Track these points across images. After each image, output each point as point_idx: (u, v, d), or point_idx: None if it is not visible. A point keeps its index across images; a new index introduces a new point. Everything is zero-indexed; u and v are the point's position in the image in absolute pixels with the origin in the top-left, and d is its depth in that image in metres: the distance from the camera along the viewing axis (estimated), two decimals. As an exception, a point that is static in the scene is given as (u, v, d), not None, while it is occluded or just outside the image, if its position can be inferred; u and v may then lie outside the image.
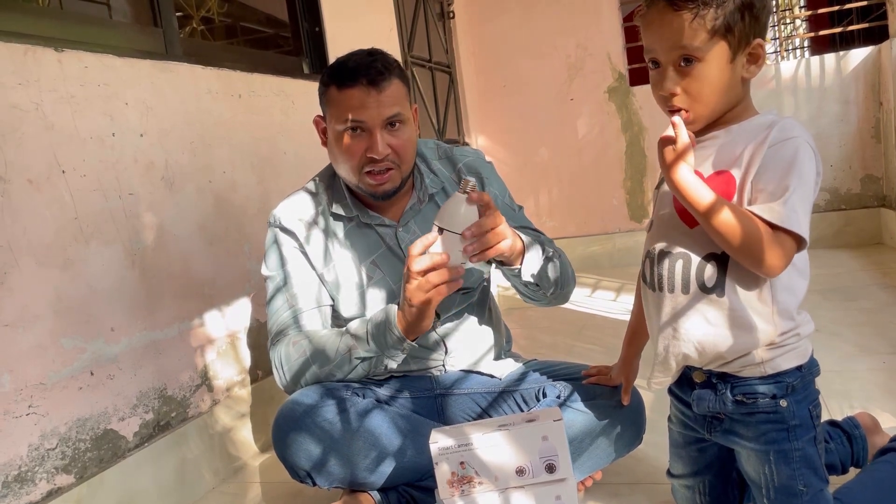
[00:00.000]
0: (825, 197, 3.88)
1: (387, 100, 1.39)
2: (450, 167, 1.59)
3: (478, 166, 1.59)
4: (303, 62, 2.60)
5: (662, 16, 0.98)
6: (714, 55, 0.97)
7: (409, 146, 1.45)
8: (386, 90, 1.39)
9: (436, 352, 1.55)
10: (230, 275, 1.95)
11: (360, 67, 1.38)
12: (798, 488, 1.02)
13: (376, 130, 1.39)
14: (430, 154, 1.59)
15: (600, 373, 1.46)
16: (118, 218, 1.59)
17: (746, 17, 0.97)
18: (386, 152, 1.40)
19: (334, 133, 1.43)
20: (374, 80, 1.38)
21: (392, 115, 1.40)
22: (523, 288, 1.45)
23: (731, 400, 1.04)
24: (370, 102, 1.38)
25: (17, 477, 1.32)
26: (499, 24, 4.32)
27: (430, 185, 1.55)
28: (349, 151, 1.41)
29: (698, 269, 1.01)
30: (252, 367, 2.01)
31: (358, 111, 1.38)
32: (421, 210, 1.54)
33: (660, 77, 1.02)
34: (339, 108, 1.41)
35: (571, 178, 4.32)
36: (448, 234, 1.22)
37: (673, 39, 0.98)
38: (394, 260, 1.51)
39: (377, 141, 1.39)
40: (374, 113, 1.38)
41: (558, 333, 2.81)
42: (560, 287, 1.48)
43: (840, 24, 4.55)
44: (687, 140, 0.97)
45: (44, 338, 1.39)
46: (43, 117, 1.43)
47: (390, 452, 1.40)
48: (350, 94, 1.39)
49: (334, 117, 1.42)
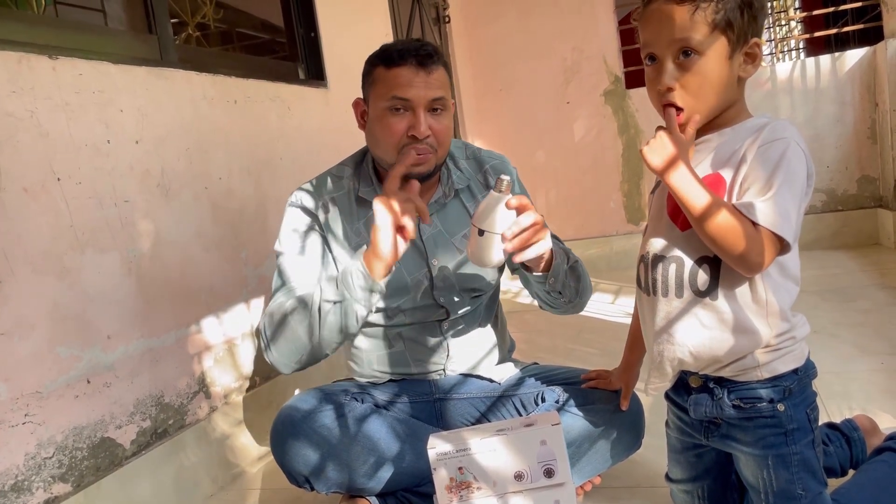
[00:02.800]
0: (822, 198, 3.88)
1: (434, 82, 1.40)
2: (476, 167, 1.59)
3: (504, 170, 1.59)
4: (298, 68, 2.60)
5: (663, 9, 0.99)
6: (713, 50, 0.98)
7: (448, 133, 1.45)
8: (433, 73, 1.40)
9: (438, 354, 1.55)
10: (227, 281, 1.95)
11: (410, 49, 1.39)
12: (797, 492, 1.02)
13: (420, 110, 1.39)
14: (457, 152, 1.59)
15: (600, 377, 1.46)
16: (114, 225, 1.58)
17: (745, 14, 0.98)
18: (427, 133, 1.40)
19: (377, 111, 1.43)
20: (423, 62, 1.39)
21: (437, 97, 1.40)
22: (545, 295, 1.44)
23: (729, 405, 1.04)
24: (417, 82, 1.38)
25: (13, 486, 1.31)
26: (494, 27, 4.33)
27: (456, 180, 1.54)
28: (391, 129, 1.40)
29: (691, 273, 1.01)
30: (250, 373, 2.01)
31: (405, 89, 1.38)
32: (445, 204, 1.53)
33: (656, 72, 1.01)
34: (385, 86, 1.40)
35: (568, 181, 4.32)
36: (488, 235, 1.21)
37: (673, 32, 0.98)
38: (412, 250, 1.49)
39: (420, 120, 1.39)
40: (421, 93, 1.38)
41: (556, 337, 2.81)
42: (579, 295, 1.47)
43: (835, 25, 4.56)
44: (682, 137, 0.97)
45: (40, 346, 1.38)
46: (38, 125, 1.42)
47: (389, 458, 1.40)
48: (398, 72, 1.39)
49: (379, 95, 1.41)
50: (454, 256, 1.50)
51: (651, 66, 1.03)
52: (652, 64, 1.02)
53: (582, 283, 1.46)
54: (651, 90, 1.04)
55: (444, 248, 1.50)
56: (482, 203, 1.21)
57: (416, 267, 1.48)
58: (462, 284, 1.51)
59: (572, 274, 1.41)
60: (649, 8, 1.01)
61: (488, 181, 1.56)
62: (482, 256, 1.22)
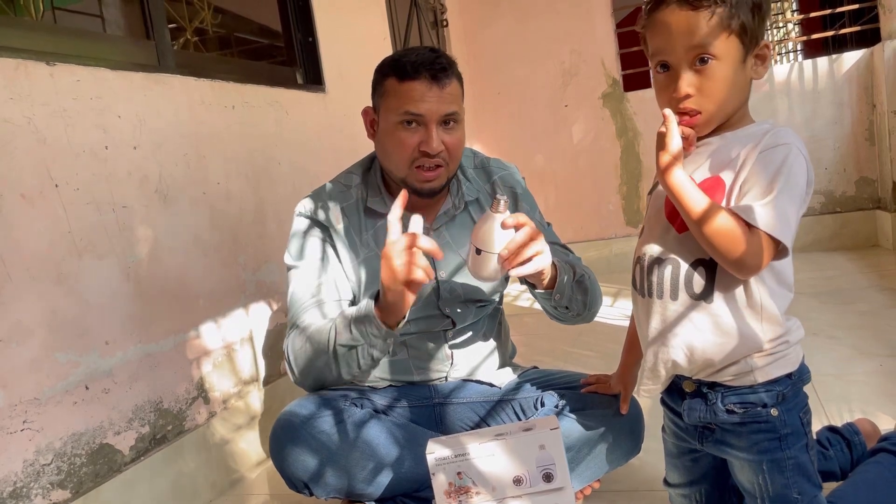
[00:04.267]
0: (820, 200, 3.89)
1: (447, 97, 1.39)
2: (484, 178, 1.58)
3: (511, 182, 1.59)
4: (296, 72, 2.60)
5: (676, 16, 0.97)
6: (729, 54, 0.97)
7: (460, 147, 1.45)
8: (447, 87, 1.39)
9: (442, 362, 1.55)
10: (226, 286, 1.95)
11: (424, 62, 1.38)
12: (793, 496, 1.02)
13: (432, 125, 1.38)
14: (466, 161, 1.58)
15: (599, 381, 1.46)
16: (112, 231, 1.58)
17: (756, 17, 0.98)
18: (440, 149, 1.39)
19: (388, 125, 1.42)
20: (437, 76, 1.38)
21: (450, 112, 1.40)
22: (552, 310, 1.44)
23: (722, 409, 1.04)
24: (430, 97, 1.38)
25: (12, 493, 1.31)
26: (492, 31, 4.33)
27: (467, 192, 1.54)
28: (403, 144, 1.40)
29: (686, 276, 1.01)
30: (249, 378, 2.01)
31: (417, 104, 1.37)
32: (455, 217, 1.53)
33: (670, 80, 1.00)
34: (397, 100, 1.39)
35: (567, 184, 4.33)
36: (486, 254, 1.21)
37: (689, 39, 0.96)
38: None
39: (433, 136, 1.38)
40: (434, 108, 1.38)
41: (556, 340, 2.81)
42: (588, 308, 1.47)
43: (832, 27, 4.57)
44: (680, 140, 0.96)
45: (38, 352, 1.38)
46: (35, 131, 1.42)
47: (387, 463, 1.40)
48: (411, 86, 1.38)
49: (391, 109, 1.40)
50: (461, 268, 1.50)
51: (664, 73, 1.01)
52: (665, 72, 1.01)
53: (590, 297, 1.45)
54: (662, 96, 1.02)
55: (452, 260, 1.50)
56: (479, 222, 1.22)
57: None
58: (468, 296, 1.51)
59: (579, 288, 1.41)
60: (659, 15, 0.99)
61: (496, 193, 1.55)
62: (481, 274, 1.23)
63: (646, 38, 1.04)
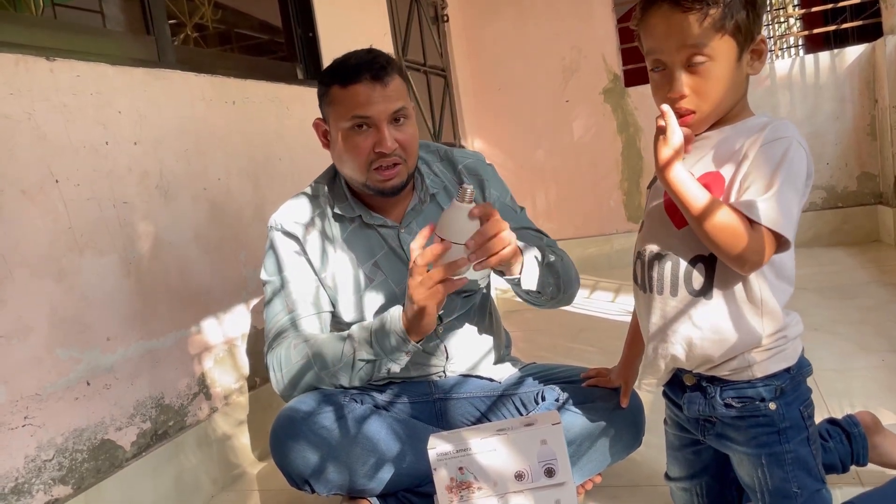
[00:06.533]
0: (821, 195, 3.88)
1: (392, 94, 1.39)
2: (450, 168, 1.58)
3: (478, 168, 1.59)
4: (297, 68, 2.59)
5: (669, 17, 0.97)
6: (723, 53, 0.97)
7: (414, 141, 1.46)
8: (390, 84, 1.39)
9: (437, 357, 1.54)
10: (226, 282, 1.95)
11: (363, 64, 1.38)
12: (792, 490, 1.02)
13: (383, 125, 1.39)
14: (430, 157, 1.59)
15: (599, 375, 1.45)
16: (113, 227, 1.58)
17: (750, 14, 0.97)
18: (394, 146, 1.40)
19: (339, 132, 1.43)
20: (378, 76, 1.38)
21: (397, 108, 1.40)
22: (524, 294, 1.44)
23: (721, 403, 1.04)
24: (375, 97, 1.38)
25: (13, 489, 1.31)
26: (493, 26, 4.33)
27: (430, 185, 1.55)
28: (357, 149, 1.41)
29: (686, 272, 1.01)
30: (250, 374, 2.01)
31: (364, 107, 1.38)
32: (423, 210, 1.53)
33: (665, 80, 1.00)
34: (343, 106, 1.40)
35: (568, 180, 4.32)
36: (450, 245, 1.20)
37: (682, 40, 0.96)
38: (396, 261, 1.50)
39: (385, 135, 1.39)
40: (381, 108, 1.38)
41: (556, 336, 2.81)
42: (562, 291, 1.46)
43: (834, 22, 4.55)
44: (681, 136, 0.96)
45: (39, 349, 1.38)
46: (35, 127, 1.42)
47: (389, 458, 1.40)
48: (355, 90, 1.38)
49: (339, 116, 1.41)
50: None
51: (659, 73, 1.01)
52: (659, 71, 1.01)
53: (563, 279, 1.45)
54: (658, 95, 1.02)
55: None
56: (445, 212, 1.21)
57: (403, 276, 1.46)
58: None
59: (550, 271, 1.40)
60: (652, 15, 0.99)
61: (463, 181, 1.55)
62: None
63: (640, 36, 1.03)
